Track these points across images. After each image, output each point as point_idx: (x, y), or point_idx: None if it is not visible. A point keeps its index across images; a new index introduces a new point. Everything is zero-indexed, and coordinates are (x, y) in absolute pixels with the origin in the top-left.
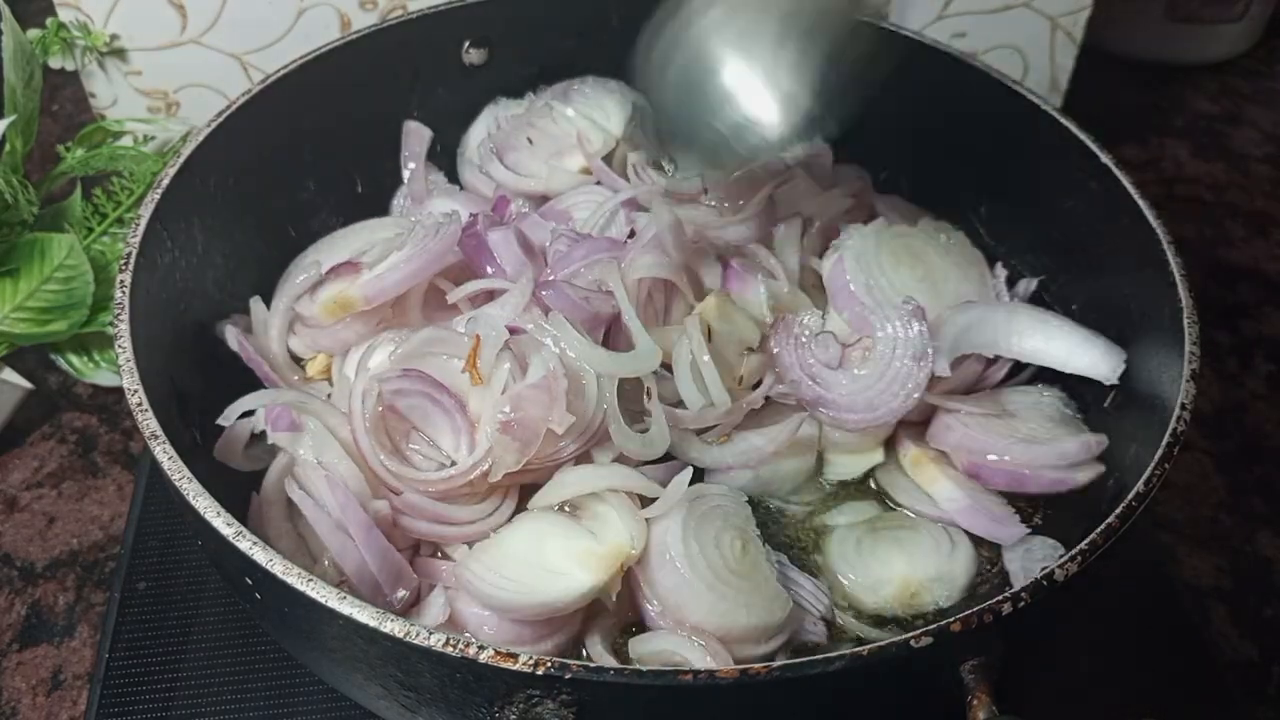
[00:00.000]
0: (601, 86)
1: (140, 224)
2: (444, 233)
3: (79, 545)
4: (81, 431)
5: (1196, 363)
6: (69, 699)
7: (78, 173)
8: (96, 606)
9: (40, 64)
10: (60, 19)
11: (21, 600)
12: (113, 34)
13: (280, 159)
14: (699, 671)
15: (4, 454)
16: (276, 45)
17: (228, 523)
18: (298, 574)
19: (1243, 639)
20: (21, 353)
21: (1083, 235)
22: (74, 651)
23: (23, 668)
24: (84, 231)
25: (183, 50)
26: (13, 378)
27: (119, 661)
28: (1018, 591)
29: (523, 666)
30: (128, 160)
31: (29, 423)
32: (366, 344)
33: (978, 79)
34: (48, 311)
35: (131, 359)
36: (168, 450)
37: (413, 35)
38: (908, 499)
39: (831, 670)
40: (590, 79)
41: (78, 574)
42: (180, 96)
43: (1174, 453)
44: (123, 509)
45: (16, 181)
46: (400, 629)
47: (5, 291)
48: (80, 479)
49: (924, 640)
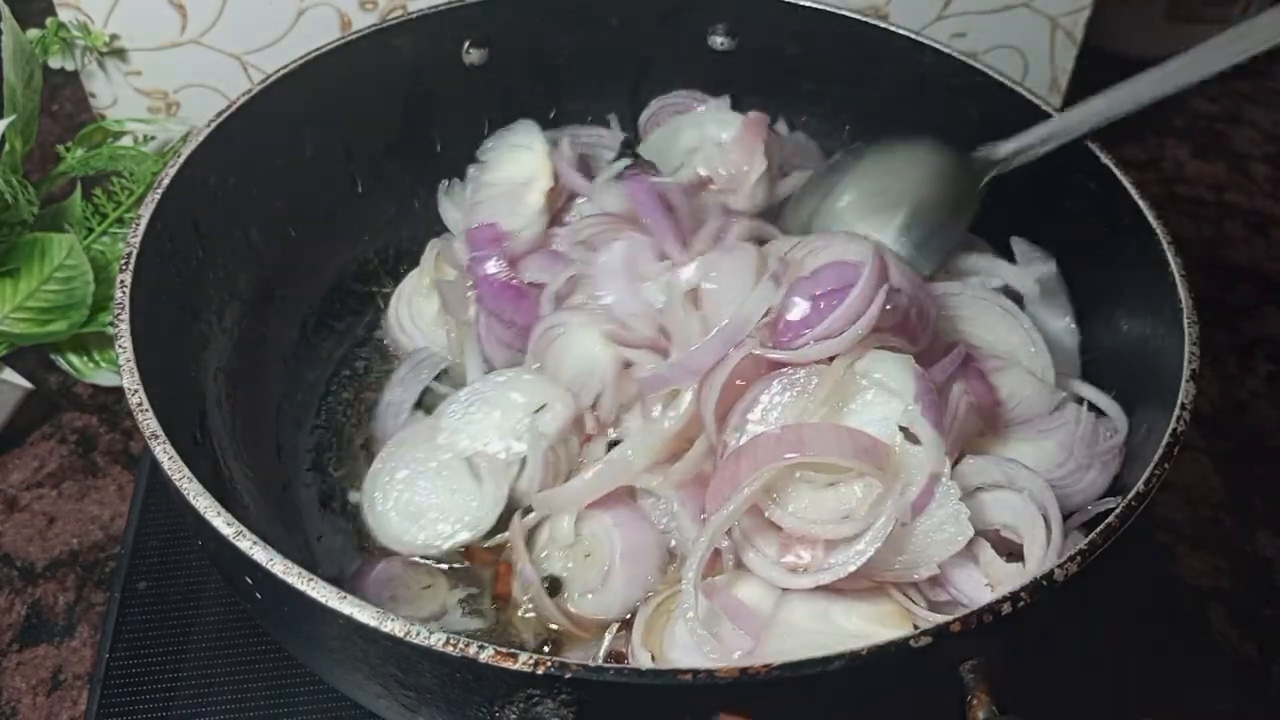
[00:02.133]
0: (503, 138)
1: (140, 224)
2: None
3: (79, 545)
4: (82, 431)
5: (1196, 363)
6: (69, 699)
7: (78, 173)
8: (96, 606)
9: (40, 64)
10: (60, 19)
11: (21, 600)
12: (113, 34)
13: (280, 159)
14: (698, 671)
15: (4, 454)
16: (277, 45)
17: (228, 522)
18: (298, 573)
19: (1243, 639)
20: (21, 353)
21: (1082, 236)
22: (74, 651)
23: (23, 668)
24: (84, 231)
25: (183, 50)
26: (13, 378)
27: (119, 661)
28: (1017, 591)
29: (522, 666)
30: (128, 160)
31: (29, 423)
32: None
33: (979, 79)
34: (48, 311)
35: (132, 359)
36: (168, 450)
37: (412, 35)
38: None
39: (831, 670)
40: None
41: (78, 574)
42: (180, 96)
43: (1174, 453)
44: (123, 509)
45: (16, 181)
46: (400, 628)
47: (5, 291)
48: (80, 479)
49: (923, 640)
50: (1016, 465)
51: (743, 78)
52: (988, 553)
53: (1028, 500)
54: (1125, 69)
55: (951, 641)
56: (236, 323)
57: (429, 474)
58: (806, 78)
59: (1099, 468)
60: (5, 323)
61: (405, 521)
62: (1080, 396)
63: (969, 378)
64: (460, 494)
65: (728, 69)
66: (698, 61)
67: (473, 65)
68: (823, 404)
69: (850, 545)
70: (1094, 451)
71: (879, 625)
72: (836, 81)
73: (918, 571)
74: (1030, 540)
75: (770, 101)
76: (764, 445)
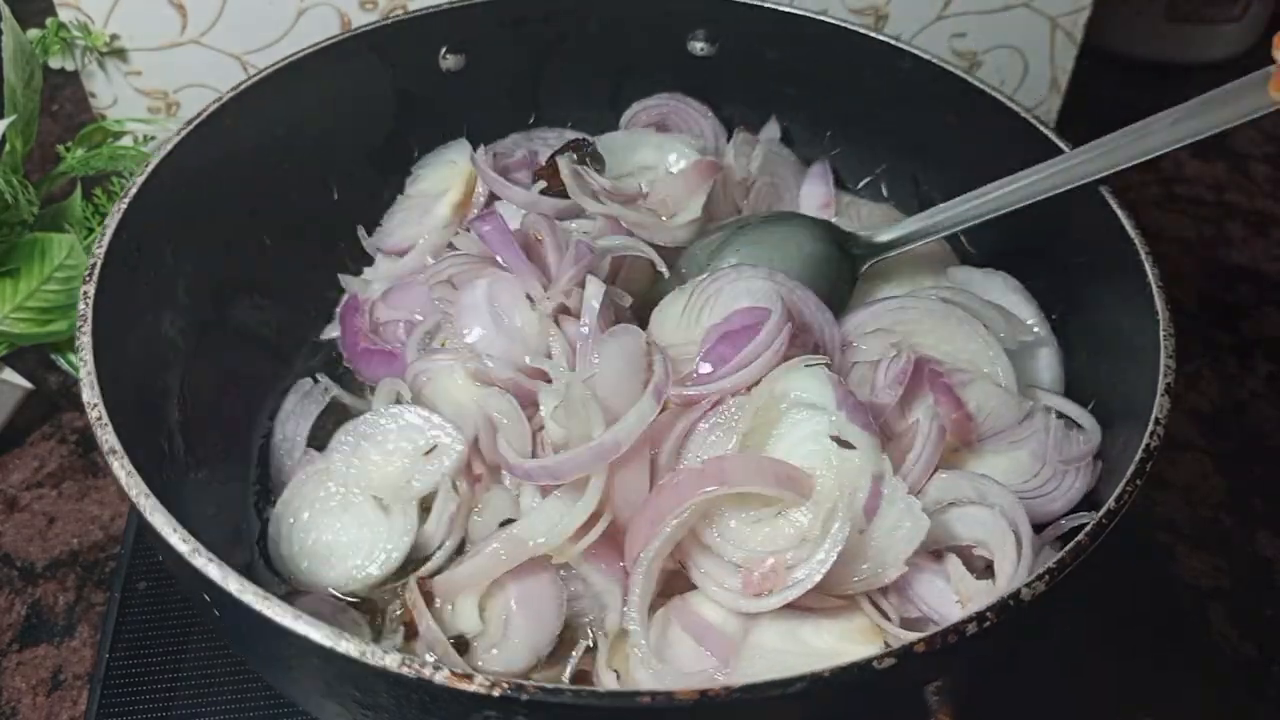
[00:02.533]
0: (440, 154)
1: (106, 234)
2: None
3: (79, 545)
4: (82, 431)
5: (1171, 376)
6: (69, 699)
7: (78, 173)
8: (96, 606)
9: (40, 64)
10: (60, 19)
11: (21, 600)
12: (113, 34)
13: (250, 168)
14: (657, 693)
15: (4, 454)
16: (276, 45)
17: (184, 539)
18: (253, 592)
19: (1243, 639)
20: (21, 353)
21: (1062, 245)
22: (74, 651)
23: (23, 668)
24: (84, 231)
25: (183, 50)
26: (13, 378)
27: (119, 661)
28: (982, 611)
29: (478, 688)
30: (128, 160)
31: (29, 423)
32: None
33: (958, 85)
34: (48, 311)
35: (93, 372)
36: (125, 465)
37: (387, 41)
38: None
39: (792, 691)
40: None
41: (78, 574)
42: (180, 96)
43: (1146, 469)
44: (123, 509)
45: (16, 181)
46: (356, 649)
47: (5, 291)
48: (80, 479)
49: (887, 661)
50: (988, 481)
51: (723, 84)
52: (959, 569)
53: (998, 516)
54: (1125, 69)
55: (916, 662)
56: (206, 333)
57: (332, 512)
58: (787, 83)
59: (1075, 473)
60: (5, 323)
61: (315, 564)
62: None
63: (937, 395)
64: (369, 527)
65: (708, 75)
66: (678, 67)
67: (450, 71)
68: (748, 435)
69: (810, 558)
70: (1068, 457)
71: (850, 643)
72: (817, 87)
73: (885, 575)
74: (1000, 556)
75: (751, 107)
76: (686, 480)
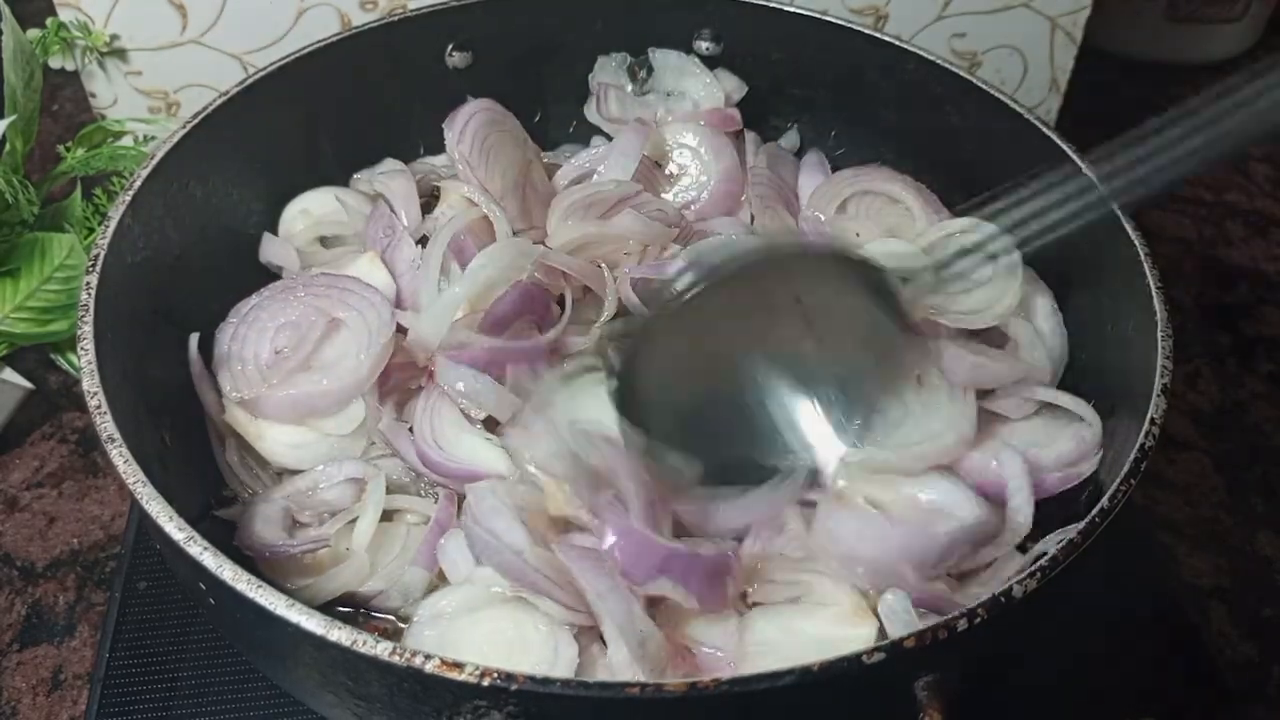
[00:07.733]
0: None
1: (110, 226)
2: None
3: (79, 545)
4: (82, 431)
5: (1169, 376)
6: (69, 699)
7: (78, 173)
8: (97, 606)
9: (40, 64)
10: (60, 19)
11: (21, 600)
12: (113, 34)
13: (255, 164)
14: (646, 685)
15: (4, 454)
16: (277, 45)
17: (179, 528)
18: (247, 580)
19: (1243, 639)
20: (21, 353)
21: (1061, 244)
22: (74, 651)
23: (23, 668)
24: (84, 231)
25: (183, 50)
26: (13, 378)
27: (119, 661)
28: (974, 608)
29: (468, 677)
30: (128, 160)
31: (29, 423)
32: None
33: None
34: (48, 311)
35: (94, 362)
36: (124, 454)
37: (394, 38)
38: None
39: (780, 685)
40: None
41: (78, 574)
42: (180, 96)
43: (1140, 468)
44: (123, 509)
45: (16, 181)
46: (347, 637)
47: (5, 291)
48: (80, 479)
49: (876, 656)
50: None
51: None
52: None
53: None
54: (1125, 69)
55: (905, 656)
56: (208, 326)
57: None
58: (792, 84)
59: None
60: (5, 323)
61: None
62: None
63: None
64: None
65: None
66: None
67: (456, 69)
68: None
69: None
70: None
71: (844, 627)
72: (822, 87)
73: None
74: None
75: (757, 107)
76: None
